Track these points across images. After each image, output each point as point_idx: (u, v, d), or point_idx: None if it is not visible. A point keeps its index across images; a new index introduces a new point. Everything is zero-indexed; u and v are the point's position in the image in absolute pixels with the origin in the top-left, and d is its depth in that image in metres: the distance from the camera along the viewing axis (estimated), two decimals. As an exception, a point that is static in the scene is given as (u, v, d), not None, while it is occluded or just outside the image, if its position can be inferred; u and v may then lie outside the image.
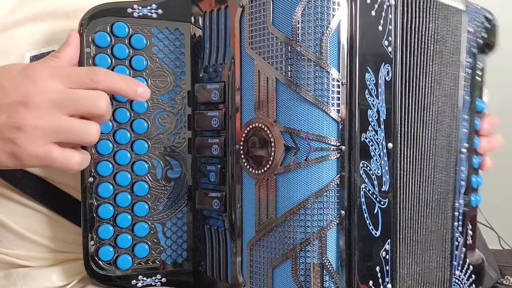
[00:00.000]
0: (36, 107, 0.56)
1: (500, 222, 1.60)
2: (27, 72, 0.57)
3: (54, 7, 0.69)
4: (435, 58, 0.68)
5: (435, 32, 0.67)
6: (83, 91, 0.58)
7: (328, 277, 0.59)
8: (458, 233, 0.71)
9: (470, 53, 0.74)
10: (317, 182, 0.58)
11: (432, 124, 0.68)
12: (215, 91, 0.66)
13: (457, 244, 0.71)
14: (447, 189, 0.70)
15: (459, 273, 0.72)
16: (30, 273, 0.72)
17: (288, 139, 0.59)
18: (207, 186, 0.68)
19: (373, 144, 0.60)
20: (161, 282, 0.70)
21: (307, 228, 0.58)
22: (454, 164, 0.71)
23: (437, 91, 0.69)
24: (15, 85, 0.57)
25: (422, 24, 0.66)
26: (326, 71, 0.58)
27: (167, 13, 0.68)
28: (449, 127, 0.71)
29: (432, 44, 0.67)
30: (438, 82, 0.69)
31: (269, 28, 0.59)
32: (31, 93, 0.56)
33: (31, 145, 0.56)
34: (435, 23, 0.67)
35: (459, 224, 0.72)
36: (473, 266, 0.74)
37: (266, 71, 0.60)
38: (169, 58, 0.69)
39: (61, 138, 0.57)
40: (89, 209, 0.66)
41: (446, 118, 0.70)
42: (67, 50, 0.62)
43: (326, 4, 0.57)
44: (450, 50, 0.70)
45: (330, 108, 0.58)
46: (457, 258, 0.71)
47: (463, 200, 0.73)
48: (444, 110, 0.70)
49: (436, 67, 0.68)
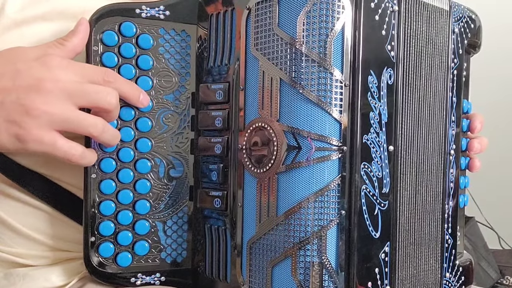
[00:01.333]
0: (48, 93, 0.57)
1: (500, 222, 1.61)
2: (44, 59, 0.59)
3: (63, 7, 0.70)
4: (427, 61, 0.69)
5: (428, 35, 0.68)
6: (95, 86, 0.60)
7: (327, 277, 0.59)
8: (448, 235, 0.72)
9: (456, 54, 0.74)
10: (318, 181, 0.59)
11: (426, 127, 0.68)
12: (220, 91, 0.67)
13: (447, 246, 0.72)
14: (437, 191, 0.70)
15: (449, 275, 0.72)
16: (29, 273, 0.72)
17: (290, 138, 0.59)
18: (209, 185, 0.68)
19: (374, 146, 0.61)
20: (160, 280, 0.70)
21: (308, 227, 0.59)
22: (444, 166, 0.71)
23: (430, 94, 0.69)
24: (29, 68, 0.58)
25: (420, 29, 0.67)
26: (330, 72, 0.59)
27: (174, 15, 0.69)
28: (439, 129, 0.71)
29: (425, 47, 0.68)
30: (430, 84, 0.69)
31: (275, 29, 0.61)
32: (45, 79, 0.57)
33: (36, 130, 0.57)
34: (428, 27, 0.68)
35: (448, 226, 0.72)
36: (462, 268, 0.75)
37: (270, 71, 0.61)
38: (175, 59, 0.70)
39: (67, 127, 0.58)
40: (91, 205, 0.66)
41: (437, 120, 0.71)
42: (73, 39, 0.63)
43: (331, 7, 0.59)
44: (439, 52, 0.71)
45: (333, 109, 0.59)
46: (447, 260, 0.72)
47: (452, 202, 0.73)
48: (435, 113, 0.71)
49: (428, 70, 0.69)
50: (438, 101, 0.71)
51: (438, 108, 0.71)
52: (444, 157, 0.71)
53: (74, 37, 0.63)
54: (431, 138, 0.69)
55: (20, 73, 0.57)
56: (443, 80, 0.71)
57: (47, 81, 0.57)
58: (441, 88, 0.71)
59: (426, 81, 0.68)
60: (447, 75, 0.72)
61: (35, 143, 0.57)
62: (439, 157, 0.71)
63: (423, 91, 0.68)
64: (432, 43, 0.69)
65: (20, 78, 0.57)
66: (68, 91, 0.58)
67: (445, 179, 0.72)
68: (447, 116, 0.72)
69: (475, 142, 0.79)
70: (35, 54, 0.60)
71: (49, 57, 0.59)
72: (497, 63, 1.67)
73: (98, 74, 0.61)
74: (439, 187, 0.71)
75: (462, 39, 0.74)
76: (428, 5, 0.68)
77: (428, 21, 0.68)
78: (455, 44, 0.73)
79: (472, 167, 0.80)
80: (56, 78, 0.58)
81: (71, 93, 0.58)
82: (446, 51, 0.72)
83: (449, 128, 0.72)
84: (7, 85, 0.57)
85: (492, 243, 1.59)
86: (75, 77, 0.59)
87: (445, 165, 0.71)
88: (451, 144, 0.73)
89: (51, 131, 0.57)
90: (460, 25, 0.74)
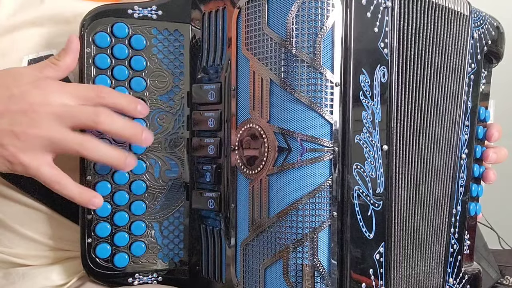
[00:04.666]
0: (36, 116, 0.58)
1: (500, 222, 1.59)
2: (38, 83, 0.60)
3: (54, 11, 0.70)
4: (434, 61, 0.67)
5: (434, 34, 0.67)
6: (84, 107, 0.60)
7: (319, 279, 0.59)
8: (454, 240, 0.71)
9: (474, 59, 0.73)
10: (309, 183, 0.58)
11: (429, 127, 0.67)
12: (212, 92, 0.66)
13: (452, 251, 0.70)
14: (445, 194, 0.69)
15: (452, 281, 0.71)
16: (29, 272, 0.73)
17: (281, 140, 0.59)
18: (203, 186, 0.68)
19: (367, 146, 0.60)
20: (157, 280, 0.70)
21: (299, 229, 0.58)
22: (453, 170, 0.70)
23: (436, 95, 0.68)
24: (23, 92, 0.59)
25: (420, 26, 0.65)
26: (320, 73, 0.58)
27: (167, 15, 0.69)
28: (449, 131, 0.70)
29: (430, 46, 0.66)
30: (437, 85, 0.68)
31: (264, 29, 0.60)
32: (37, 103, 0.58)
33: (22, 154, 0.58)
34: (433, 26, 0.67)
35: (455, 231, 0.71)
36: (468, 276, 0.73)
37: (261, 72, 0.60)
38: (169, 59, 0.70)
39: (56, 148, 0.59)
40: (87, 207, 0.67)
41: (446, 123, 0.70)
42: (66, 59, 0.63)
43: (320, 5, 0.58)
44: (451, 54, 0.70)
45: (324, 109, 0.58)
46: (451, 265, 0.71)
47: (460, 207, 0.72)
48: (444, 114, 0.69)
49: (435, 70, 0.68)
50: (449, 103, 0.70)
51: (448, 110, 0.70)
52: (454, 161, 0.70)
53: (67, 57, 0.63)
54: (437, 139, 0.68)
55: (14, 98, 0.59)
56: (457, 83, 0.70)
57: (38, 106, 0.58)
58: (453, 91, 0.70)
59: (430, 81, 0.67)
60: (462, 79, 0.71)
61: (21, 166, 0.59)
62: (447, 159, 0.70)
63: (425, 91, 0.67)
64: (442, 43, 0.68)
65: (13, 102, 0.58)
66: (58, 114, 0.58)
67: (454, 183, 0.70)
68: (460, 119, 0.71)
69: (491, 152, 0.78)
70: (30, 77, 0.60)
71: (43, 82, 0.60)
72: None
73: (91, 92, 0.61)
74: (447, 190, 0.70)
75: (481, 45, 0.73)
76: (434, 4, 0.67)
77: (434, 20, 0.67)
78: (473, 49, 0.72)
79: (485, 178, 0.79)
80: (48, 102, 0.59)
81: (61, 116, 0.59)
82: (462, 54, 0.71)
83: (462, 132, 0.71)
84: (0, 109, 0.58)
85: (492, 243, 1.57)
86: (68, 99, 0.60)
87: (455, 169, 0.70)
88: (463, 148, 0.72)
89: (38, 156, 0.59)
90: (480, 31, 0.73)
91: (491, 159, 0.77)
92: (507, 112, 1.57)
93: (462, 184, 0.72)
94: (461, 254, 0.72)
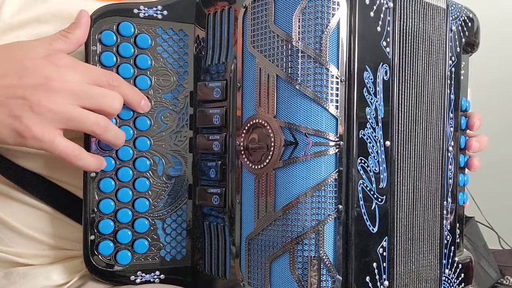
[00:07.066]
0: (55, 92, 0.58)
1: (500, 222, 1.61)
2: (51, 58, 0.59)
3: (59, 8, 0.70)
4: (424, 58, 0.69)
5: (424, 32, 0.69)
6: (102, 89, 0.61)
7: (325, 271, 0.59)
8: (447, 231, 0.72)
9: (454, 51, 0.74)
10: (315, 176, 0.59)
11: (424, 123, 0.69)
12: (217, 89, 0.67)
13: (446, 242, 0.72)
14: (436, 187, 0.71)
15: (448, 272, 0.72)
16: (30, 272, 0.72)
17: (287, 134, 0.60)
18: (207, 183, 0.69)
19: (371, 142, 0.62)
20: (159, 278, 0.70)
21: (305, 222, 0.59)
22: (442, 163, 0.71)
23: (427, 90, 0.70)
24: (37, 66, 0.58)
25: (415, 26, 0.67)
26: (326, 68, 0.59)
27: (172, 15, 0.70)
28: (437, 125, 0.72)
29: (421, 44, 0.68)
30: (427, 81, 0.70)
31: (271, 26, 0.61)
32: (52, 78, 0.58)
33: (37, 127, 0.57)
34: (424, 24, 0.69)
35: (448, 223, 0.72)
36: (461, 265, 0.75)
37: (267, 68, 0.61)
38: (173, 58, 0.71)
39: (70, 125, 0.59)
40: (90, 204, 0.67)
41: (434, 117, 0.71)
42: (77, 32, 0.64)
43: (326, 4, 0.59)
44: (436, 49, 0.71)
45: (329, 104, 0.59)
46: (446, 257, 0.72)
47: (451, 199, 0.73)
48: (433, 109, 0.71)
49: (425, 66, 0.69)
50: (436, 97, 0.71)
51: (436, 104, 0.71)
52: (443, 154, 0.72)
53: (77, 30, 0.64)
54: (429, 134, 0.70)
55: (27, 71, 0.58)
56: (441, 77, 0.72)
57: (54, 81, 0.58)
58: (438, 85, 0.72)
59: (423, 78, 0.69)
60: (445, 73, 0.72)
61: (35, 140, 0.58)
62: (437, 153, 0.71)
63: (420, 87, 0.68)
64: (429, 40, 0.70)
65: (27, 75, 0.58)
66: (75, 92, 0.59)
67: (444, 176, 0.72)
68: (445, 112, 0.72)
69: (473, 141, 0.80)
70: (42, 50, 0.60)
71: (57, 56, 0.60)
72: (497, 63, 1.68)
73: (104, 77, 0.62)
74: (438, 183, 0.71)
75: (459, 37, 0.75)
76: (424, 3, 0.69)
77: (424, 18, 0.69)
78: (452, 42, 0.74)
79: (470, 165, 0.81)
80: (63, 78, 0.59)
81: (77, 94, 0.59)
82: (444, 48, 0.72)
83: (447, 125, 0.73)
84: (12, 82, 0.58)
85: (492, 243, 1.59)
86: (82, 78, 0.60)
87: (444, 162, 0.72)
88: (449, 141, 0.73)
89: (52, 130, 0.58)
90: (458, 23, 0.75)
91: (474, 147, 0.79)
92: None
93: (450, 176, 0.73)
94: (454, 245, 0.73)
